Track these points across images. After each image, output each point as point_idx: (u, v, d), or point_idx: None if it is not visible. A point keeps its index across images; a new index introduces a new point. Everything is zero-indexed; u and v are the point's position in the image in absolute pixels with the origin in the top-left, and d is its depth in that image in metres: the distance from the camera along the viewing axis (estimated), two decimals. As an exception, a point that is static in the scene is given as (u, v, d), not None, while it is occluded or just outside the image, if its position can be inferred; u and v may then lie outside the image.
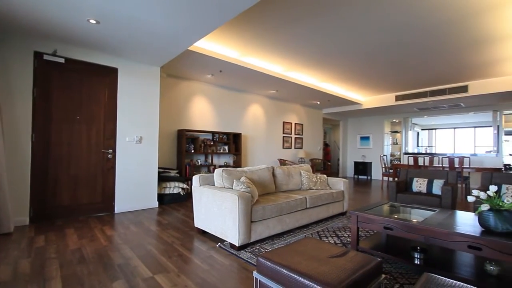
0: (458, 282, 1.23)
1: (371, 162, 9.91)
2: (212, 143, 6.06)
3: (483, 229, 1.99)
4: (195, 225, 3.19)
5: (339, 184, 4.13)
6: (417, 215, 2.52)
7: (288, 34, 3.92)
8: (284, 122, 8.21)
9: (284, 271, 1.29)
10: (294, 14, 3.35)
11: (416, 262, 2.15)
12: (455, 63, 5.05)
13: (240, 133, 6.57)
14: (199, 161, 5.82)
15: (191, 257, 2.47)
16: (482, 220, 1.96)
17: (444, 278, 1.27)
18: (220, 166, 6.19)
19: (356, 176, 10.27)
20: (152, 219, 3.73)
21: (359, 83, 6.62)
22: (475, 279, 1.89)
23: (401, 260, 2.22)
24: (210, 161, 6.08)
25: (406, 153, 9.40)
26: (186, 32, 3.28)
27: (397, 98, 7.56)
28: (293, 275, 1.25)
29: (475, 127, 10.00)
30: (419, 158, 7.98)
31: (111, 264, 2.29)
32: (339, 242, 2.93)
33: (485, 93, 6.17)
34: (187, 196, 5.16)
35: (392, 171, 7.82)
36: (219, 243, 2.80)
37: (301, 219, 3.31)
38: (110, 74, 4.08)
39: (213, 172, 3.25)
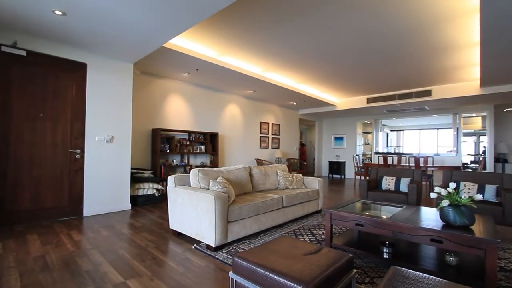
0: (422, 274, 1.31)
1: (344, 162, 10.29)
2: (188, 142, 5.95)
3: (443, 223, 2.15)
4: (170, 227, 3.11)
5: (314, 183, 4.24)
6: (386, 212, 2.65)
7: (266, 35, 3.96)
8: (261, 122, 8.27)
9: (260, 270, 1.30)
10: (271, 16, 3.39)
11: (385, 256, 2.27)
12: (420, 69, 5.39)
13: (217, 133, 6.51)
14: (174, 161, 5.69)
15: (166, 260, 2.41)
16: (442, 215, 2.12)
17: (410, 270, 1.35)
18: (196, 166, 6.09)
19: (330, 175, 10.60)
20: (125, 222, 3.58)
21: (333, 85, 6.84)
22: (437, 270, 2.04)
23: (371, 255, 2.33)
24: (186, 161, 5.96)
25: (376, 153, 9.88)
26: (161, 29, 3.18)
27: (369, 100, 7.92)
28: (268, 273, 1.27)
29: (438, 128, 10.77)
30: (388, 157, 8.42)
31: (78, 271, 2.17)
32: (314, 239, 3.01)
33: (446, 97, 6.66)
34: (162, 198, 5.02)
35: (364, 170, 8.18)
36: (195, 245, 2.76)
37: (278, 218, 3.36)
38: (78, 69, 3.86)
39: (189, 173, 3.18)
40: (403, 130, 11.85)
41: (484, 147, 8.49)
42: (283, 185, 4.09)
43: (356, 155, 8.94)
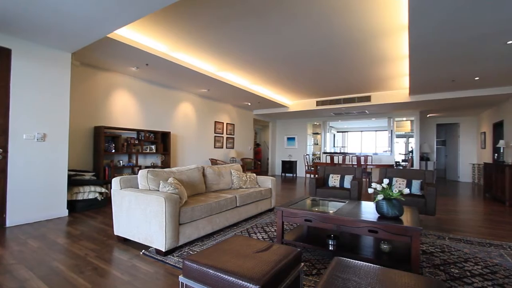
0: (361, 262, 1.46)
1: (296, 161, 10.79)
2: (137, 142, 5.57)
3: (379, 215, 2.41)
4: (115, 233, 2.88)
5: (267, 182, 4.35)
6: (332, 207, 2.87)
7: (220, 34, 3.92)
8: (216, 122, 8.18)
9: (211, 271, 1.29)
10: (224, 14, 3.38)
11: (330, 248, 2.45)
12: (361, 76, 5.95)
13: (169, 132, 6.24)
14: (121, 162, 5.27)
15: (109, 269, 2.22)
16: (378, 208, 2.38)
17: (350, 259, 1.49)
18: (146, 167, 5.74)
19: (283, 174, 11.01)
20: (60, 231, 3.20)
21: (286, 87, 7.12)
22: (374, 257, 2.27)
23: (318, 248, 2.49)
24: (134, 161, 5.57)
25: (324, 153, 10.59)
26: (106, 18, 2.92)
27: (318, 103, 8.44)
28: (219, 274, 1.26)
29: (376, 130, 12.00)
30: (334, 157, 9.10)
31: (-2, 290, 1.86)
32: (267, 237, 3.09)
33: (383, 103, 7.47)
34: (106, 201, 4.61)
35: (313, 168, 8.69)
36: (143, 250, 2.60)
37: (231, 217, 3.36)
38: (0, 55, 3.31)
39: (138, 174, 2.99)
40: (347, 131, 12.92)
41: (412, 147, 9.76)
42: (237, 185, 4.11)
43: (307, 154, 9.45)
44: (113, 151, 5.04)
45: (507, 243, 2.98)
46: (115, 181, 2.90)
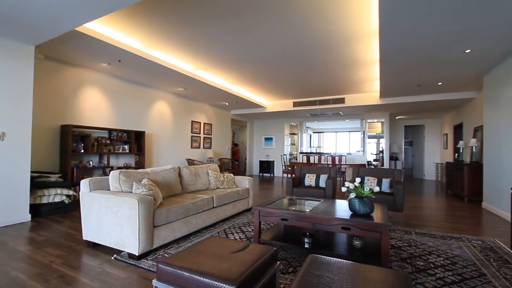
0: (334, 258, 1.51)
1: (274, 161, 10.90)
2: (108, 142, 5.32)
3: (351, 212, 2.51)
4: (84, 238, 2.73)
5: (244, 182, 4.36)
6: (307, 206, 2.94)
7: (195, 32, 3.86)
8: (193, 121, 8.03)
9: (186, 274, 1.27)
10: (201, 13, 3.33)
11: (306, 246, 2.51)
12: (336, 79, 6.15)
13: (144, 131, 6.03)
14: (91, 162, 5.00)
15: (78, 276, 2.10)
16: (350, 206, 2.47)
17: (324, 256, 1.54)
18: (119, 168, 5.50)
19: (261, 174, 11.08)
20: (22, 237, 2.97)
21: (264, 87, 7.17)
22: (347, 253, 2.36)
23: (294, 246, 2.54)
24: (106, 162, 5.31)
25: (301, 153, 10.81)
26: (73, 10, 2.76)
27: (295, 104, 8.60)
28: (194, 276, 1.25)
29: (349, 131, 12.48)
30: (310, 157, 9.32)
31: None
32: (244, 237, 3.09)
33: (356, 105, 7.78)
34: (75, 205, 4.35)
35: (290, 168, 8.83)
36: (114, 255, 2.49)
37: (208, 218, 3.33)
38: (-50, 46, 3.01)
39: (109, 175, 2.86)
40: (323, 132, 13.29)
41: (382, 147, 10.27)
42: (214, 185, 4.07)
43: (284, 154, 9.59)
44: (82, 151, 4.77)
45: (466, 236, 3.24)
46: (84, 183, 2.75)
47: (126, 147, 5.70)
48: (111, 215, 2.51)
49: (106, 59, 4.56)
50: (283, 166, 8.81)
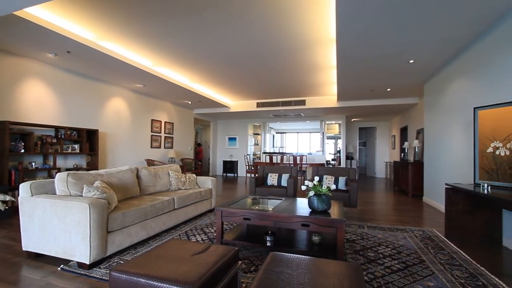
0: (294, 255, 1.57)
1: (237, 161, 10.91)
2: (55, 141, 4.82)
3: (310, 210, 2.62)
4: (24, 249, 2.44)
5: (207, 182, 4.29)
6: (270, 205, 3.00)
7: (156, 28, 3.70)
8: (153, 120, 7.66)
9: (142, 280, 1.21)
10: (158, 9, 3.20)
11: (268, 244, 2.56)
12: (297, 81, 6.38)
13: (97, 130, 5.58)
14: (33, 164, 4.48)
15: (15, 291, 1.87)
16: (310, 203, 2.59)
17: (284, 253, 1.59)
18: (67, 170, 5.01)
19: (224, 174, 11.00)
20: None
21: (228, 87, 7.14)
22: (307, 249, 2.47)
23: (257, 245, 2.58)
24: (52, 163, 4.80)
25: (264, 153, 10.99)
26: (11, -7, 2.45)
27: (258, 105, 8.72)
28: (152, 282, 1.20)
29: (310, 132, 13.05)
30: (273, 156, 9.52)
31: None
32: (206, 238, 3.05)
33: (316, 107, 8.16)
34: (13, 212, 3.85)
35: (254, 168, 8.92)
36: (62, 265, 2.27)
37: (169, 221, 3.21)
38: None
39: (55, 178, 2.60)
40: (285, 133, 13.68)
41: (339, 147, 10.92)
42: (175, 186, 3.94)
43: (248, 154, 9.65)
44: (23, 151, 4.25)
45: (409, 227, 3.60)
46: (24, 187, 2.45)
47: (76, 146, 5.22)
48: (57, 222, 2.28)
49: (52, 49, 4.12)
50: (247, 166, 8.87)
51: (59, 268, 2.23)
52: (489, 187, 2.63)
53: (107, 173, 3.09)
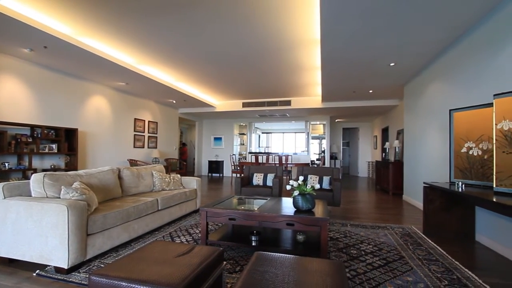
0: (279, 254, 1.58)
1: (223, 161, 10.85)
2: (31, 140, 4.60)
3: (295, 209, 2.65)
4: (-5, 254, 2.31)
5: (192, 183, 4.24)
6: (255, 205, 3.01)
7: (139, 25, 3.61)
8: (136, 119, 7.47)
9: (123, 284, 1.18)
10: (144, 5, 3.13)
11: (253, 244, 2.57)
12: (283, 82, 6.43)
13: (77, 129, 5.38)
14: (7, 164, 4.25)
15: (-15, 299, 1.77)
16: (294, 202, 2.62)
17: (269, 253, 1.60)
18: (44, 170, 4.79)
19: (210, 174, 10.91)
20: None
21: (213, 87, 7.08)
22: (292, 248, 2.49)
23: (242, 245, 2.57)
24: (27, 164, 4.57)
25: (250, 153, 11.00)
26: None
27: (244, 104, 8.71)
28: (133, 285, 1.17)
29: (295, 132, 13.19)
30: (259, 156, 9.54)
31: None
32: (191, 239, 3.01)
33: (301, 108, 8.26)
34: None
35: (239, 168, 8.90)
36: (37, 271, 2.17)
37: (152, 222, 3.14)
38: None
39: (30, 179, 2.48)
40: (271, 133, 13.75)
41: (324, 148, 11.12)
42: (159, 187, 3.87)
43: (233, 154, 9.61)
44: (-6, 151, 4.02)
45: (390, 224, 3.72)
46: (-4, 189, 2.32)
47: (54, 146, 5.00)
48: (32, 225, 2.18)
49: (28, 44, 3.93)
50: (232, 166, 8.83)
51: (34, 274, 2.13)
52: (463, 185, 2.77)
53: (87, 173, 2.98)
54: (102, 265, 2.31)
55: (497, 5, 2.77)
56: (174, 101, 8.23)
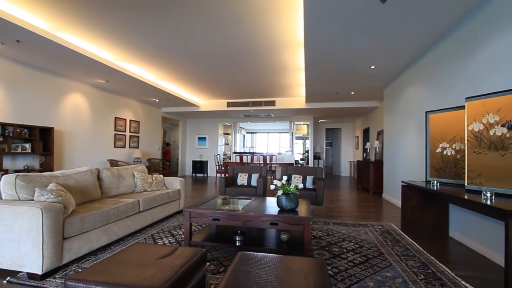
0: (262, 253, 1.59)
1: (207, 161, 10.74)
2: (1, 139, 4.34)
3: (279, 208, 2.67)
4: (-39, 261, 2.16)
5: (175, 183, 4.17)
6: (239, 204, 3.00)
7: (120, 21, 3.50)
8: (116, 118, 7.24)
9: None
10: (124, 2, 3.04)
11: (237, 244, 2.56)
12: (267, 82, 6.46)
13: (52, 128, 5.14)
14: (-27, 165, 3.99)
15: (-51, 310, 1.65)
16: (278, 202, 2.64)
17: (253, 252, 1.60)
18: (16, 171, 4.53)
19: (194, 175, 10.77)
20: None
21: (197, 86, 7.00)
22: (276, 247, 2.51)
23: (226, 245, 2.56)
24: (-4, 165, 4.31)
25: (235, 152, 10.97)
26: None
27: (228, 104, 8.67)
28: (114, 289, 1.13)
29: (280, 132, 13.29)
30: (244, 156, 9.54)
31: None
32: (174, 240, 2.96)
33: (285, 108, 8.34)
34: None
35: (224, 168, 8.85)
36: (8, 278, 2.05)
37: (134, 224, 3.06)
38: None
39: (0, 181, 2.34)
40: (256, 133, 13.78)
41: (308, 148, 11.29)
42: (141, 188, 3.77)
43: (218, 154, 9.56)
44: (-40, 151, 3.76)
45: (370, 222, 3.84)
46: (-38, 192, 2.18)
47: (27, 146, 4.75)
48: (3, 229, 2.06)
49: (-2, 37, 3.70)
50: (217, 166, 8.78)
51: (5, 281, 2.01)
52: (438, 184, 2.91)
53: (64, 174, 2.86)
54: (79, 270, 2.22)
55: (468, 14, 2.93)
56: (157, 100, 8.06)
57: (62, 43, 3.98)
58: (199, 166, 10.61)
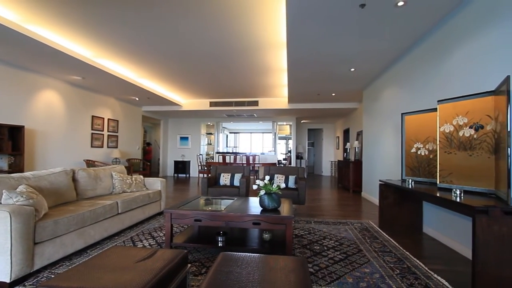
0: (244, 254, 1.58)
1: (189, 161, 10.58)
2: (-37, 138, 4.03)
3: (262, 208, 2.69)
4: None
5: (156, 184, 4.08)
6: (222, 205, 2.98)
7: (96, 16, 3.37)
8: (93, 117, 6.94)
9: (77, 293, 1.10)
10: (106, -6, 2.94)
11: (220, 245, 2.54)
12: (250, 82, 6.47)
13: (23, 126, 4.84)
14: None
15: None
16: (261, 202, 2.65)
17: (235, 253, 1.60)
18: (-20, 173, 4.23)
19: (176, 175, 10.57)
20: None
21: (179, 85, 6.87)
22: (258, 246, 2.52)
23: (208, 246, 2.54)
24: (-42, 166, 4.00)
25: (218, 152, 10.88)
26: None
27: (211, 104, 8.59)
28: (89, 294, 1.09)
29: (263, 132, 13.35)
30: (226, 156, 9.48)
31: None
32: (154, 243, 2.89)
33: (268, 108, 8.39)
34: None
35: (206, 168, 8.76)
36: (-29, 287, 1.91)
37: (112, 227, 2.96)
38: None
39: (-38, 183, 2.18)
40: (239, 133, 13.75)
41: (290, 148, 11.42)
42: (119, 189, 3.65)
43: (200, 154, 9.43)
44: None
45: (350, 220, 3.95)
46: None
47: (-6, 145, 4.44)
48: (-35, 235, 1.91)
49: (-40, 29, 3.44)
50: (199, 166, 8.66)
51: (-32, 290, 1.87)
52: (412, 182, 3.04)
53: (35, 176, 2.71)
54: (52, 276, 2.12)
55: (439, 21, 3.10)
56: (137, 99, 7.83)
57: (33, 36, 3.76)
58: (181, 166, 10.43)
